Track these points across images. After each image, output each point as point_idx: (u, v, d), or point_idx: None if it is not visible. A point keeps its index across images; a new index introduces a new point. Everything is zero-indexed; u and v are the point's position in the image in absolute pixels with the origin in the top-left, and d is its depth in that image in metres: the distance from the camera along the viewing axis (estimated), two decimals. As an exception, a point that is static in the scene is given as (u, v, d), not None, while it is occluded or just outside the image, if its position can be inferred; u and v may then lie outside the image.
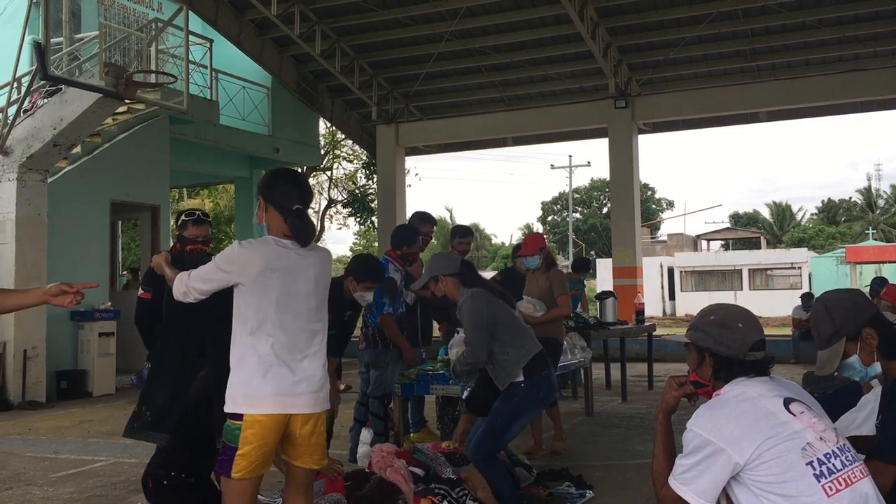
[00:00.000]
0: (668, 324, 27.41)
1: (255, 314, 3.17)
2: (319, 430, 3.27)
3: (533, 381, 4.51)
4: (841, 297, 2.86)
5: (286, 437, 3.20)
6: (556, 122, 16.48)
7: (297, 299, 3.24)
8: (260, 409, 3.09)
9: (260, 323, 3.16)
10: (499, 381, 4.53)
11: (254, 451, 3.08)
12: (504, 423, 4.50)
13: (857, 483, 2.31)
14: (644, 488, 5.04)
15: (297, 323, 3.23)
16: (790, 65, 14.91)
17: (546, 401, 4.73)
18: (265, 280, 3.18)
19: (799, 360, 13.54)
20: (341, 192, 24.24)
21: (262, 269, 3.18)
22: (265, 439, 3.10)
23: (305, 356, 3.23)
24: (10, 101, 10.51)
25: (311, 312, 3.30)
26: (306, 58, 15.92)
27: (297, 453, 3.24)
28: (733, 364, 2.54)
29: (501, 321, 4.56)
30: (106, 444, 7.44)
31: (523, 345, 4.57)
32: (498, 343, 4.52)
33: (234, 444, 3.09)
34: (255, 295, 3.17)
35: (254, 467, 3.11)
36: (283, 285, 3.20)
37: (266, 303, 3.17)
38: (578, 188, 56.27)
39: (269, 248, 3.23)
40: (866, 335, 2.76)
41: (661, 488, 2.49)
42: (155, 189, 13.38)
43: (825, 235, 48.13)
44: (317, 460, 3.30)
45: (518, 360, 4.51)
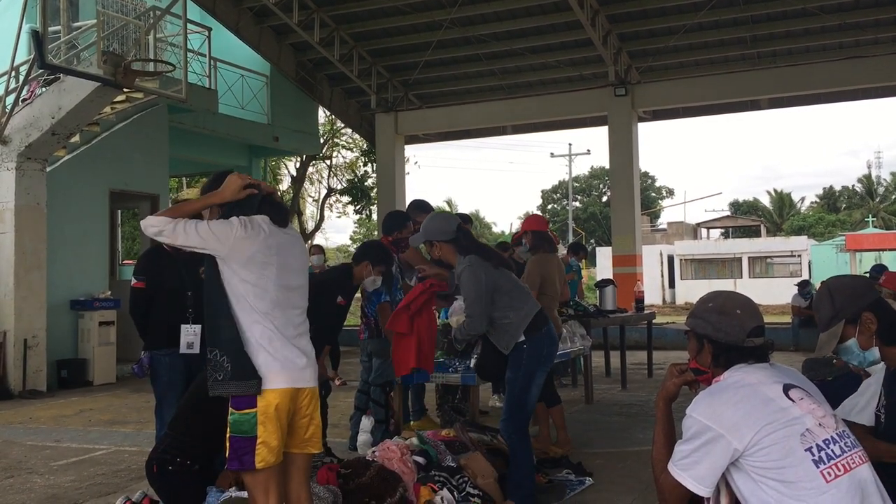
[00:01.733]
0: (667, 312, 27.44)
1: (254, 291, 3.14)
2: (317, 412, 3.28)
3: (534, 340, 4.52)
4: (843, 281, 2.91)
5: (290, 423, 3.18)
6: (556, 110, 16.44)
7: (290, 277, 3.26)
8: (272, 385, 3.06)
9: (262, 301, 3.13)
10: (502, 345, 4.54)
11: (273, 436, 3.05)
12: (521, 390, 4.52)
13: (857, 469, 2.32)
14: (643, 475, 5.06)
15: (291, 300, 3.24)
16: (791, 52, 14.87)
17: (551, 356, 4.73)
18: (264, 257, 3.17)
19: (798, 347, 13.55)
20: (341, 180, 24.21)
21: (261, 247, 3.17)
22: (279, 425, 3.08)
23: (299, 333, 3.25)
24: (8, 90, 10.48)
25: (301, 290, 3.33)
26: (305, 46, 15.87)
27: (297, 440, 3.23)
28: (732, 351, 2.54)
29: (500, 287, 4.54)
30: (107, 433, 7.46)
31: (522, 306, 4.56)
32: (498, 308, 4.51)
33: (252, 434, 3.04)
34: (255, 271, 3.15)
35: (275, 454, 3.07)
36: (279, 262, 3.21)
37: (266, 280, 3.16)
38: (578, 176, 56.24)
39: (264, 224, 3.23)
40: (866, 319, 2.78)
41: (661, 474, 2.50)
42: (154, 178, 13.36)
43: (825, 223, 48.14)
44: (315, 444, 3.30)
45: (520, 323, 4.51)
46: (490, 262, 4.61)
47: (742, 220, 49.81)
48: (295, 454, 3.26)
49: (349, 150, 23.73)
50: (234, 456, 3.06)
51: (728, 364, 2.55)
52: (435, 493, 4.53)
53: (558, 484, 5.14)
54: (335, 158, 23.93)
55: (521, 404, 4.54)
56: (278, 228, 3.28)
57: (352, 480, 4.31)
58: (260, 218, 3.24)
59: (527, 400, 4.56)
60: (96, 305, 11.51)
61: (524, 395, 4.54)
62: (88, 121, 11.06)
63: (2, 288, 10.30)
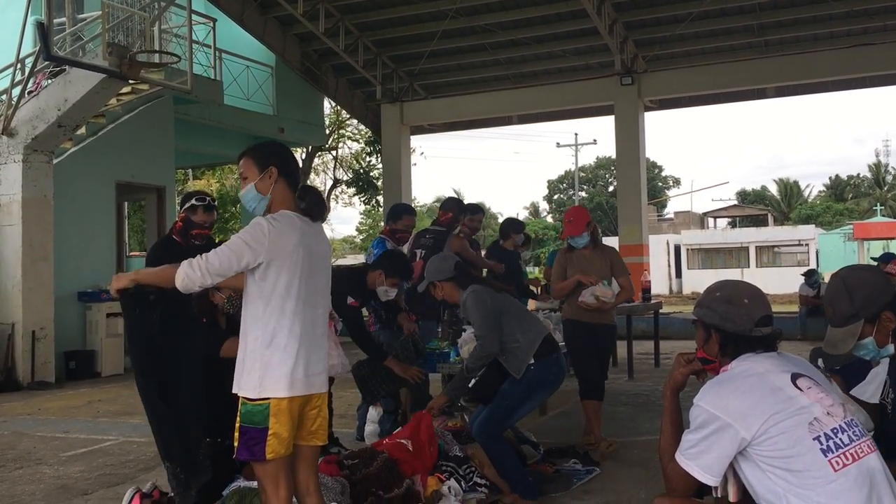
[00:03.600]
0: (674, 301, 27.39)
1: (287, 291, 3.06)
2: (324, 406, 3.28)
3: (542, 363, 4.52)
4: (863, 278, 2.77)
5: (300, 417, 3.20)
6: (562, 100, 16.38)
7: (316, 276, 3.19)
8: (294, 391, 3.04)
9: (293, 301, 3.07)
10: (514, 369, 4.53)
11: (284, 428, 3.04)
12: (511, 405, 4.52)
13: (865, 458, 2.31)
14: (650, 465, 5.06)
15: (316, 299, 3.19)
16: (798, 40, 14.77)
17: (555, 383, 4.70)
18: (297, 255, 3.08)
19: (806, 336, 13.52)
20: (346, 171, 24.20)
21: (295, 244, 3.08)
22: (292, 419, 3.08)
23: (322, 335, 3.22)
24: (14, 83, 10.49)
25: (325, 290, 3.28)
26: (310, 37, 15.83)
27: (305, 432, 3.23)
28: (739, 340, 2.53)
29: (506, 310, 4.58)
30: (115, 424, 7.49)
31: (530, 328, 4.58)
32: (506, 332, 4.53)
33: (264, 425, 3.02)
34: (288, 271, 3.06)
35: (285, 446, 3.07)
36: (310, 261, 3.14)
37: (298, 279, 3.08)
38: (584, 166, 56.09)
39: (294, 222, 3.13)
40: (885, 318, 2.70)
41: (668, 464, 2.50)
42: (160, 170, 13.37)
43: (833, 212, 47.96)
44: (321, 436, 3.29)
45: (529, 345, 4.51)
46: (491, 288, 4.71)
47: (749, 210, 49.64)
48: (302, 446, 3.25)
49: (355, 140, 23.73)
50: (244, 446, 3.05)
51: (736, 353, 2.54)
52: (442, 483, 4.54)
53: (565, 474, 5.15)
54: (341, 149, 23.93)
55: (504, 418, 4.53)
56: (307, 224, 3.20)
57: (359, 471, 4.31)
58: (288, 214, 3.14)
59: (510, 417, 4.58)
60: (104, 297, 11.53)
61: (511, 411, 4.54)
62: (94, 112, 11.07)
63: (9, 280, 10.34)
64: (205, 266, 2.99)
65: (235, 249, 3.01)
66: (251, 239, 3.01)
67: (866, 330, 2.72)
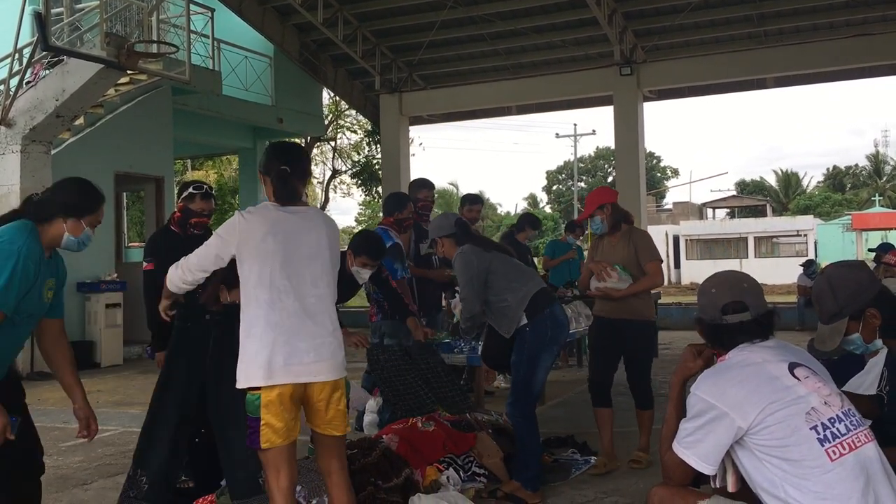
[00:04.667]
0: (673, 292, 27.41)
1: (259, 281, 3.12)
2: (338, 397, 3.23)
3: (535, 322, 4.49)
4: (846, 276, 2.81)
5: (307, 405, 3.19)
6: (561, 90, 16.34)
7: (301, 263, 3.19)
8: (273, 380, 3.06)
9: (265, 290, 3.11)
10: (503, 329, 4.54)
11: (276, 420, 3.07)
12: (525, 373, 4.51)
13: (862, 447, 2.32)
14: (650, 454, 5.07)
15: (302, 288, 3.17)
16: (798, 30, 14.72)
17: (557, 339, 4.64)
18: (266, 245, 3.13)
19: (804, 327, 13.56)
20: (345, 162, 24.18)
21: (265, 233, 3.15)
22: (284, 409, 3.08)
23: (316, 323, 3.18)
24: (11, 73, 10.46)
25: (318, 278, 3.24)
26: (309, 27, 15.78)
27: (319, 421, 3.23)
28: (716, 330, 2.57)
29: (494, 269, 4.55)
30: (114, 414, 7.52)
31: (520, 287, 4.54)
32: (493, 291, 4.52)
33: (257, 415, 3.07)
34: (258, 261, 3.13)
35: (281, 436, 3.09)
36: (286, 250, 3.16)
37: (270, 268, 3.12)
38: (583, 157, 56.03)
39: (269, 212, 3.22)
40: (869, 315, 2.75)
41: (666, 452, 2.51)
42: (159, 160, 13.35)
43: (831, 203, 47.96)
44: (338, 427, 3.27)
45: (518, 304, 4.49)
46: (482, 247, 4.69)
47: (748, 200, 49.63)
48: (320, 434, 3.29)
49: (353, 131, 23.69)
50: (249, 435, 3.12)
51: (718, 343, 2.58)
52: (441, 473, 4.56)
53: (564, 463, 5.18)
54: (340, 140, 23.89)
55: (527, 388, 4.54)
56: (294, 213, 3.24)
57: (357, 461, 4.33)
58: (264, 205, 3.26)
59: (532, 383, 4.55)
60: (103, 288, 11.55)
61: (529, 379, 4.53)
62: (92, 103, 11.05)
63: (8, 270, 10.32)
64: (185, 264, 3.23)
65: (211, 244, 3.21)
66: (224, 232, 3.20)
67: (852, 327, 2.76)
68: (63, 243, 3.29)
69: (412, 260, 6.58)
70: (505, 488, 4.57)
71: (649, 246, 5.25)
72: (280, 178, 3.25)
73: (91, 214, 3.33)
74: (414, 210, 6.69)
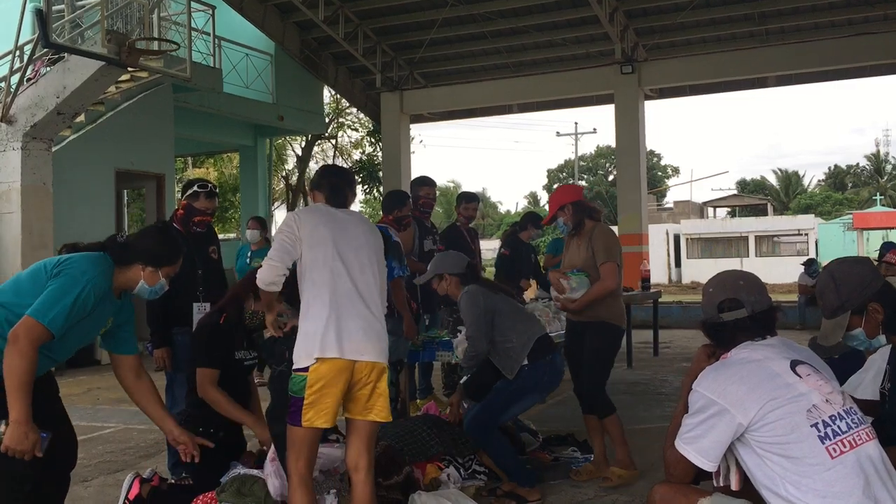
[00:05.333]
0: (673, 291, 27.42)
1: (313, 263, 3.37)
2: (382, 382, 3.37)
3: (536, 365, 4.52)
4: (849, 271, 2.82)
5: (350, 390, 3.31)
6: (562, 89, 16.34)
7: (351, 250, 3.44)
8: (326, 353, 3.22)
9: (320, 271, 3.35)
10: (506, 369, 4.55)
11: (319, 399, 3.22)
12: (503, 403, 4.54)
13: (863, 445, 2.32)
14: (648, 453, 5.07)
15: (353, 273, 3.40)
16: (799, 28, 14.72)
17: (549, 385, 4.72)
18: (319, 232, 3.41)
19: (805, 326, 13.57)
20: (346, 160, 24.15)
21: (317, 223, 3.45)
22: (330, 387, 3.23)
23: (366, 306, 3.37)
24: (12, 70, 10.45)
25: (365, 266, 3.47)
26: (310, 24, 15.78)
27: (359, 407, 3.35)
28: (715, 328, 2.59)
29: (500, 310, 4.59)
30: (115, 411, 7.52)
31: (526, 330, 4.59)
32: (499, 332, 4.55)
33: (301, 395, 3.23)
34: (314, 245, 3.39)
35: (321, 416, 3.23)
36: (336, 237, 3.43)
37: (324, 252, 3.38)
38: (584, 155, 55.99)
39: (320, 208, 3.59)
40: (872, 310, 2.75)
41: (668, 449, 2.52)
42: (159, 158, 13.35)
43: (832, 202, 47.92)
44: (380, 413, 3.39)
45: (522, 346, 4.52)
46: (489, 289, 4.74)
47: (749, 199, 49.59)
48: (356, 420, 3.38)
49: (354, 129, 23.67)
50: (290, 412, 3.28)
51: (719, 342, 2.60)
52: (441, 471, 4.56)
53: (564, 462, 5.17)
54: (340, 138, 23.88)
55: (494, 415, 4.54)
56: (335, 209, 3.57)
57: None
58: (316, 205, 3.63)
59: (502, 414, 4.59)
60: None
61: (502, 409, 4.55)
62: (93, 100, 11.04)
63: (9, 267, 10.32)
64: (267, 260, 3.39)
65: (280, 238, 3.43)
66: (286, 227, 3.46)
67: (854, 321, 2.76)
68: (137, 289, 3.37)
69: (416, 256, 6.58)
70: (505, 486, 4.57)
71: (605, 245, 4.89)
72: (333, 186, 3.65)
73: (170, 266, 3.42)
74: (416, 207, 6.69)
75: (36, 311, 2.99)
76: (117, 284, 3.30)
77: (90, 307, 3.12)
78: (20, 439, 2.87)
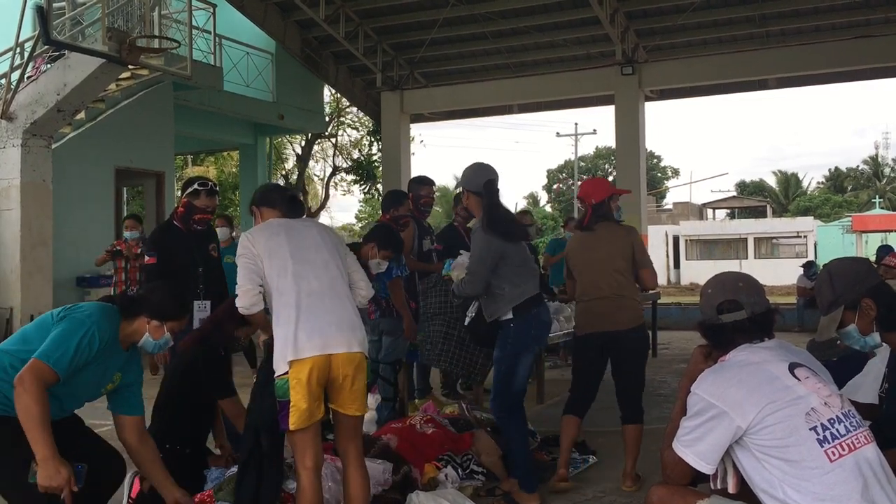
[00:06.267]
0: (672, 292, 27.42)
1: (277, 272, 3.45)
2: (360, 376, 3.44)
3: (522, 319, 4.44)
4: (844, 266, 2.89)
5: (330, 384, 3.38)
6: (563, 89, 16.33)
7: (309, 251, 3.53)
8: (300, 355, 3.29)
9: (284, 278, 3.43)
10: (487, 312, 4.53)
11: (302, 399, 3.28)
12: (507, 368, 4.48)
13: (861, 449, 2.32)
14: (646, 454, 5.07)
15: (315, 272, 3.49)
16: (800, 31, 14.73)
17: (538, 339, 4.66)
18: (274, 241, 3.52)
19: (803, 328, 13.56)
20: (346, 159, 24.15)
21: (270, 234, 3.56)
22: (310, 385, 3.29)
23: (336, 299, 3.47)
24: (13, 67, 10.44)
25: (327, 262, 3.56)
26: (310, 23, 15.77)
27: (341, 400, 3.43)
28: (714, 330, 2.59)
29: (507, 257, 4.44)
30: (113, 409, 7.49)
31: (521, 283, 4.48)
32: (497, 277, 4.45)
33: (286, 398, 3.30)
34: (272, 257, 3.48)
35: (307, 416, 3.30)
36: (291, 242, 3.53)
37: (282, 260, 3.47)
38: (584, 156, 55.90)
39: (269, 223, 3.70)
40: (865, 305, 2.77)
41: (666, 451, 2.51)
42: (159, 155, 13.35)
43: (831, 204, 47.94)
44: (359, 407, 3.51)
45: (512, 297, 4.43)
46: (503, 235, 4.49)
47: (748, 201, 49.60)
48: (340, 414, 3.49)
49: (354, 128, 23.67)
50: (279, 417, 3.34)
51: (717, 344, 2.60)
52: (439, 471, 4.56)
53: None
54: (340, 137, 23.87)
55: (508, 384, 4.50)
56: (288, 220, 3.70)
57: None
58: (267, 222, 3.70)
59: (513, 381, 4.50)
60: (102, 282, 11.53)
61: (510, 377, 4.49)
62: (94, 98, 11.04)
63: (8, 264, 10.33)
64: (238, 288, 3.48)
65: (242, 263, 3.51)
66: (242, 250, 3.54)
67: (848, 317, 2.78)
68: (141, 342, 3.43)
69: (414, 255, 6.58)
70: (503, 486, 4.57)
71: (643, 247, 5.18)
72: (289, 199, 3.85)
73: (175, 321, 3.49)
74: (416, 207, 6.69)
75: (41, 352, 3.07)
76: (123, 336, 3.36)
77: (95, 350, 3.18)
78: (52, 475, 2.93)
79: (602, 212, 4.97)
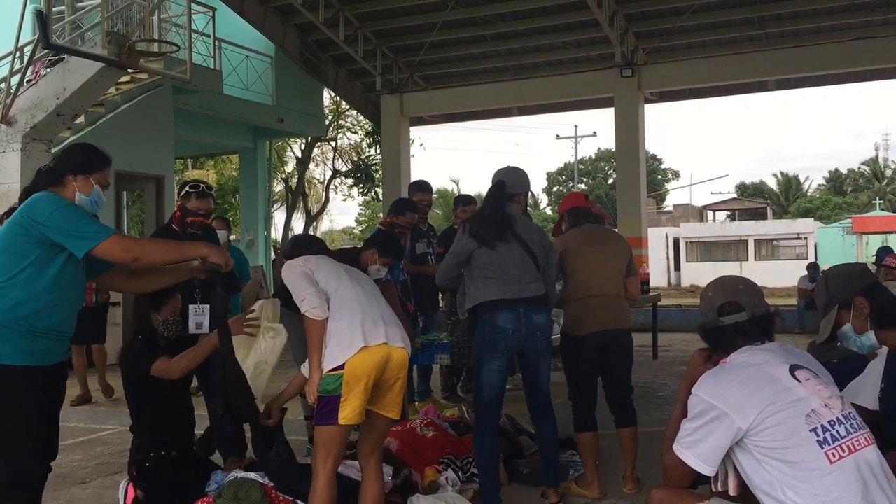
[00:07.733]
0: (673, 294, 27.40)
1: (335, 279, 3.61)
2: (404, 377, 3.57)
3: (482, 323, 4.32)
4: (840, 269, 3.00)
5: (377, 385, 3.46)
6: (562, 92, 16.35)
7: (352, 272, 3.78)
8: (369, 342, 3.40)
9: (341, 281, 3.61)
10: (459, 306, 4.61)
11: (356, 396, 3.36)
12: (476, 370, 4.39)
13: (862, 450, 2.31)
14: (647, 457, 5.06)
15: (362, 286, 3.68)
16: (799, 33, 14.73)
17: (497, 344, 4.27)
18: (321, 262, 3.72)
19: (804, 330, 13.54)
20: (346, 162, 24.16)
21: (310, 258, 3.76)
22: (366, 380, 3.37)
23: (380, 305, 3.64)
24: (12, 71, 10.45)
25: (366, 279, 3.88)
26: (310, 27, 15.78)
27: (384, 401, 3.53)
28: (715, 332, 2.60)
29: (477, 259, 4.32)
30: (113, 413, 7.51)
31: (484, 287, 4.30)
32: (467, 275, 4.42)
33: (337, 393, 3.35)
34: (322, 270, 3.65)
35: (357, 413, 3.38)
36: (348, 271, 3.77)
37: (335, 271, 3.67)
38: (584, 158, 55.96)
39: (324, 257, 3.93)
40: (858, 303, 2.83)
41: (666, 453, 2.51)
42: (159, 159, 13.34)
43: (832, 206, 47.95)
44: (399, 411, 3.63)
45: (471, 299, 4.37)
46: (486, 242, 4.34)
47: (748, 203, 49.61)
48: (375, 414, 3.55)
49: (354, 132, 23.68)
50: (320, 413, 3.40)
51: (718, 346, 2.60)
52: (440, 474, 4.55)
53: (562, 464, 5.15)
54: (340, 140, 23.89)
55: (477, 393, 4.42)
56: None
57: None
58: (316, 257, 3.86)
59: (480, 383, 4.33)
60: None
61: (478, 384, 4.37)
62: (93, 102, 11.03)
63: (8, 269, 10.31)
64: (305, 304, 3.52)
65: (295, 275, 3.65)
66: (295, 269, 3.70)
67: (843, 316, 2.84)
68: (77, 202, 3.40)
69: (409, 258, 6.59)
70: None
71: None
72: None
73: (98, 173, 3.52)
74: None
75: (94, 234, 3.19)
76: None
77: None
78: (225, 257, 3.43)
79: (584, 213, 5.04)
